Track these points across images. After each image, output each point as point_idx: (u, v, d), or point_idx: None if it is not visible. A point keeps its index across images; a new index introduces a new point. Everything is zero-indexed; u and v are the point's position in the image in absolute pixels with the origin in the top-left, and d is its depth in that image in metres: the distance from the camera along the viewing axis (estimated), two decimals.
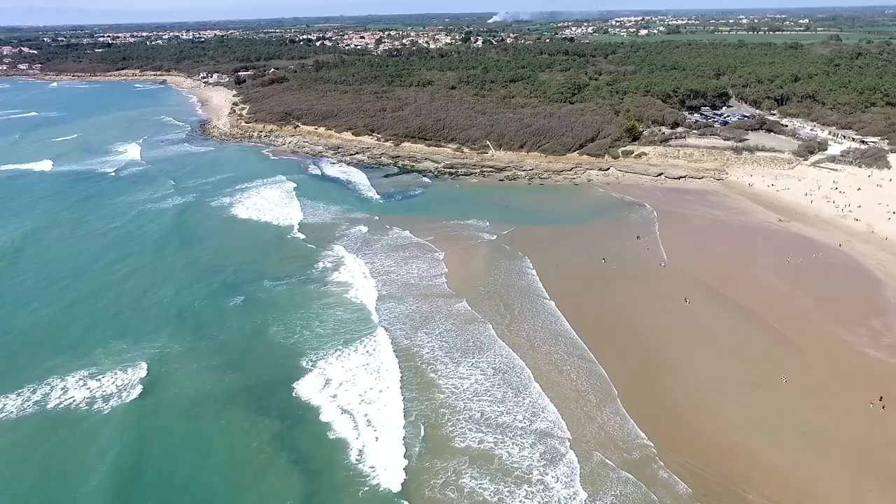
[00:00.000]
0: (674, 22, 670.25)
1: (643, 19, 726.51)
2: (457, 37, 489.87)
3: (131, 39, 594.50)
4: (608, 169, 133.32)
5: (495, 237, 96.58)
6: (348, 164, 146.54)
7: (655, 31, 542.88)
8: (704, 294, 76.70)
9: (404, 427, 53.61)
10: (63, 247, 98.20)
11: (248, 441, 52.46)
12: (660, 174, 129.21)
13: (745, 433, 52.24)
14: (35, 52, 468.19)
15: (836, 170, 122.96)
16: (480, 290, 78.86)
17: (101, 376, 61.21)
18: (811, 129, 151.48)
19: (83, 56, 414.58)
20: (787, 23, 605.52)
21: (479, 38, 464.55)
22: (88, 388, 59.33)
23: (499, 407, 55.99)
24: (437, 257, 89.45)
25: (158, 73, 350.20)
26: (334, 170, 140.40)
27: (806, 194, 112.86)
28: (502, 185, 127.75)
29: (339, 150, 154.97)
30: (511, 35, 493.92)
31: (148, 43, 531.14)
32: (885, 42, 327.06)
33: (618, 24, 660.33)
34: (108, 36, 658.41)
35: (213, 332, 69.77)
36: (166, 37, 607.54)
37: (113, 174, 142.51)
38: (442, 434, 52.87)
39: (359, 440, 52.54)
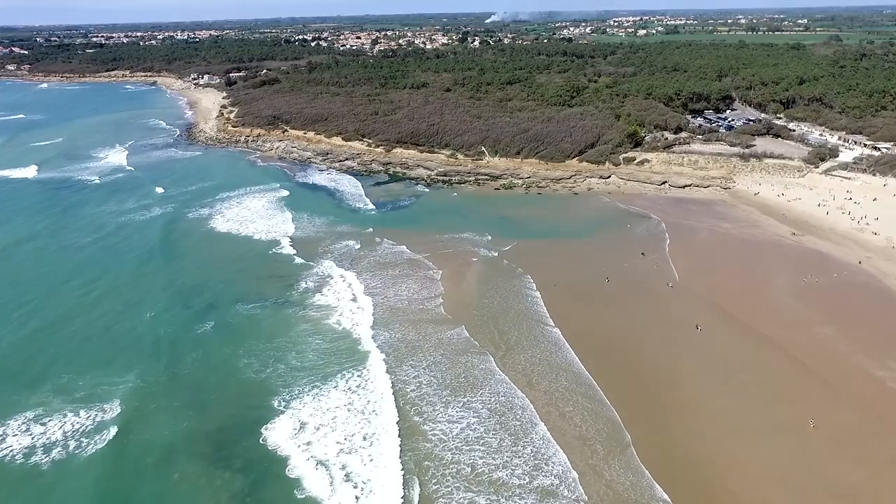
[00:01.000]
0: (672, 22, 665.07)
1: (641, 19, 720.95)
2: (454, 37, 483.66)
3: (125, 39, 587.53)
4: (609, 177, 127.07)
5: (492, 253, 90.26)
6: (337, 170, 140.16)
7: (654, 32, 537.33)
8: (717, 320, 70.45)
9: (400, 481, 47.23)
10: (36, 265, 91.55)
11: (201, 502, 45.98)
12: (663, 183, 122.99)
13: (772, 490, 45.97)
14: (26, 52, 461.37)
15: (850, 178, 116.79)
16: (479, 315, 72.37)
17: (46, 419, 54.74)
18: (820, 134, 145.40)
19: (73, 56, 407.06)
20: (786, 23, 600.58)
21: (476, 38, 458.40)
22: (30, 435, 52.81)
23: (494, 458, 49.57)
24: (431, 276, 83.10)
25: (149, 73, 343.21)
26: (322, 178, 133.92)
27: (819, 205, 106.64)
28: (498, 195, 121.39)
29: (328, 156, 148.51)
30: (509, 35, 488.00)
31: (141, 43, 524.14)
32: (889, 42, 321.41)
33: (616, 24, 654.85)
34: (102, 36, 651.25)
35: (176, 366, 63.30)
36: (161, 37, 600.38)
37: (94, 182, 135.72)
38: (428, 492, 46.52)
39: (334, 500, 46.16)
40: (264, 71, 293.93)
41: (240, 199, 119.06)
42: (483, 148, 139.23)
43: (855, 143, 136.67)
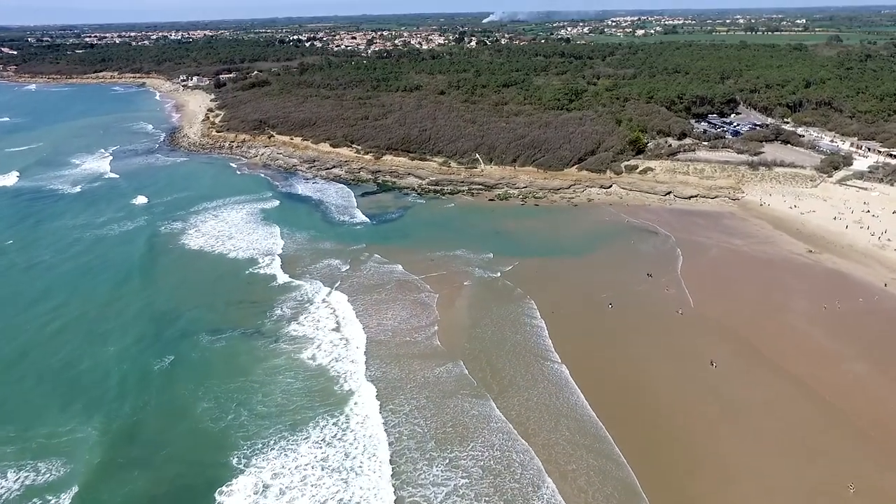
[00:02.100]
0: (670, 22, 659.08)
1: (639, 19, 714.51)
2: (450, 37, 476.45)
3: (118, 40, 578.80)
4: (610, 186, 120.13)
5: (488, 274, 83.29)
6: (324, 179, 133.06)
7: (652, 32, 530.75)
8: (733, 354, 63.52)
9: None
10: None
11: None
12: (668, 193, 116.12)
13: None
14: (14, 52, 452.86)
15: (866, 188, 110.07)
16: (476, 349, 65.46)
17: None
18: (831, 140, 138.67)
19: (62, 57, 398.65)
20: (785, 23, 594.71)
21: (473, 38, 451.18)
22: None
23: None
24: (423, 300, 76.35)
25: (138, 75, 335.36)
26: (307, 187, 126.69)
27: (835, 218, 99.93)
28: (493, 207, 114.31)
29: (315, 163, 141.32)
30: (506, 35, 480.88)
31: (134, 43, 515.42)
32: (893, 43, 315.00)
33: (614, 24, 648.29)
34: (95, 36, 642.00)
35: (126, 412, 56.11)
36: (154, 37, 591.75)
37: (72, 192, 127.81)
38: None
39: None
40: (255, 72, 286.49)
41: (219, 211, 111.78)
42: (477, 155, 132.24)
43: (868, 149, 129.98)
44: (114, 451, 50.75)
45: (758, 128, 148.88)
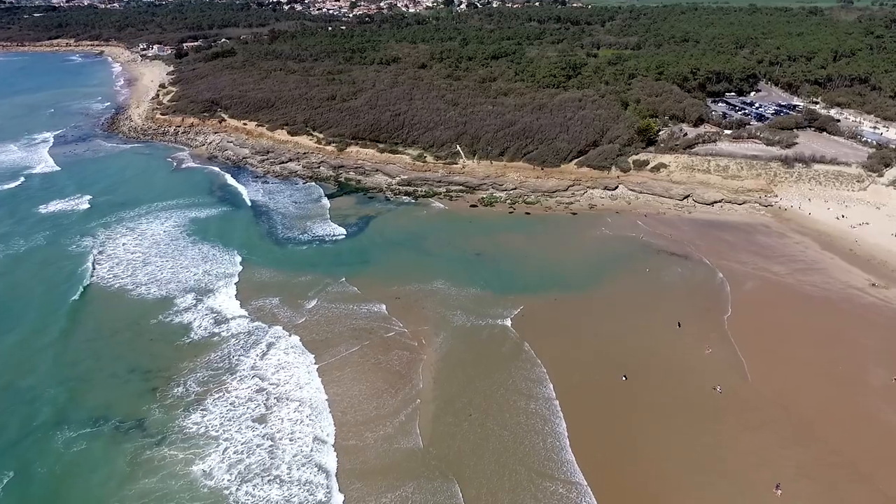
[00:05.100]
0: None
1: None
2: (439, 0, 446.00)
3: (86, 2, 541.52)
4: (616, 188, 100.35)
5: (469, 321, 64.87)
6: (277, 176, 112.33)
7: None
8: (801, 470, 45.16)
9: None
10: None
11: None
12: (686, 197, 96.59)
13: None
14: None
15: None
16: (474, 466, 47.08)
17: None
18: (873, 127, 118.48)
19: (15, 21, 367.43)
20: None
21: (463, 1, 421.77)
22: None
23: None
24: (390, 366, 58.02)
25: (96, 42, 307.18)
26: (255, 189, 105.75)
27: (894, 234, 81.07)
28: (475, 215, 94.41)
29: (269, 155, 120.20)
30: None
31: (101, 6, 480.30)
32: None
33: None
34: None
35: None
36: None
37: None
38: None
39: None
40: (223, 41, 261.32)
41: (141, 222, 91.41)
42: (458, 147, 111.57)
43: None
44: None
45: (785, 111, 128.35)
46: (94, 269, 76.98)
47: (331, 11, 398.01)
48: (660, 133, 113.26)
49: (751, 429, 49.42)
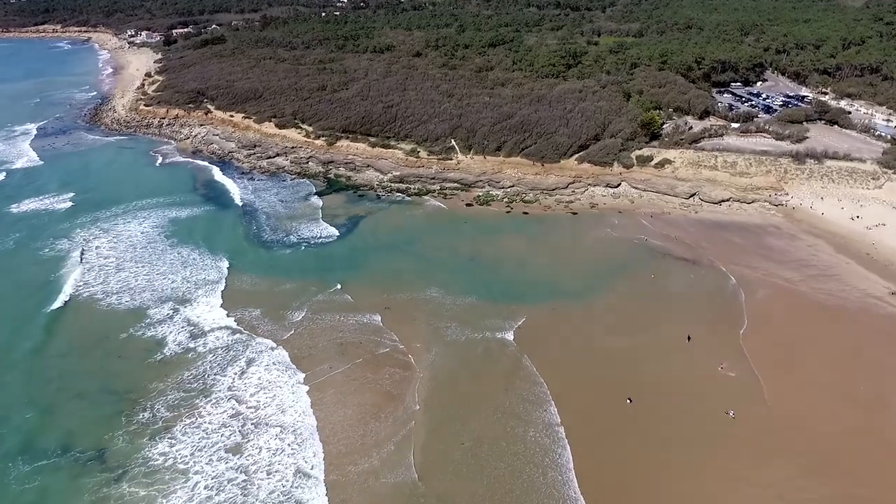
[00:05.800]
0: None
1: None
2: None
3: None
4: (619, 185, 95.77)
5: (465, 335, 60.65)
6: (263, 172, 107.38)
7: None
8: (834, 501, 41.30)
9: None
10: None
11: None
12: (692, 195, 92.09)
13: None
14: None
15: None
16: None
17: None
18: (886, 120, 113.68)
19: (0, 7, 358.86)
20: None
21: None
22: None
23: None
24: (382, 386, 53.78)
25: (83, 28, 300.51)
26: (239, 186, 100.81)
27: None
28: (470, 215, 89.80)
29: (256, 149, 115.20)
30: None
31: None
32: None
33: None
34: None
35: None
36: None
37: None
38: None
39: None
40: (213, 27, 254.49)
41: (118, 222, 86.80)
42: (453, 142, 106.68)
43: None
44: None
45: (793, 102, 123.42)
46: (65, 275, 72.37)
47: None
48: (664, 126, 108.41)
49: (767, 458, 45.46)
